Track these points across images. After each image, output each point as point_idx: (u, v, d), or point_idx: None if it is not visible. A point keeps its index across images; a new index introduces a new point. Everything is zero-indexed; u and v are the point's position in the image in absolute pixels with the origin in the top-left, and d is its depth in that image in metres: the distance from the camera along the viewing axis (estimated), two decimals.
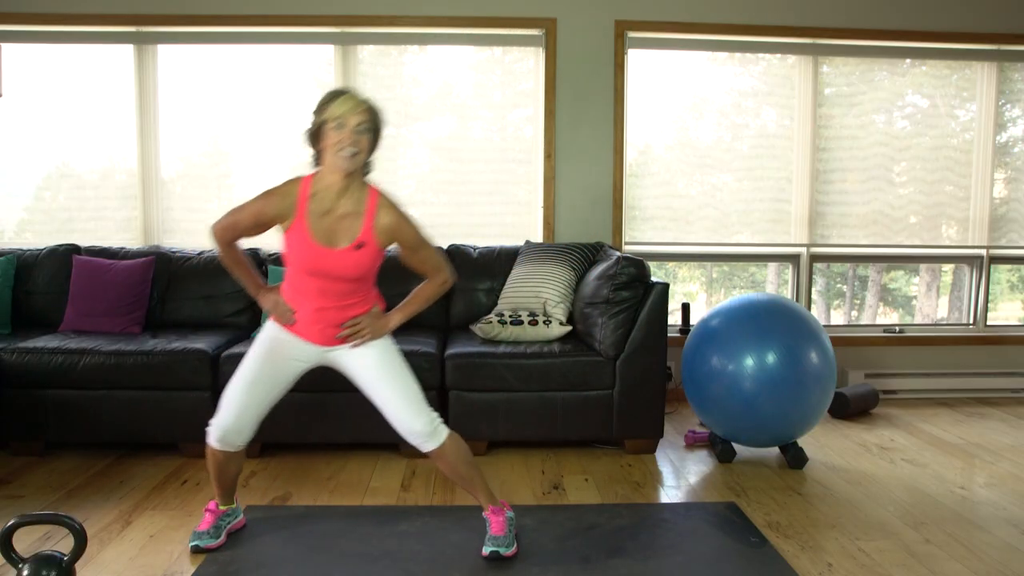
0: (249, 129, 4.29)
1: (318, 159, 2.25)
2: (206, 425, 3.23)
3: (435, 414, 2.35)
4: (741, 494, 2.93)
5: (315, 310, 2.29)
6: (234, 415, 2.30)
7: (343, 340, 2.33)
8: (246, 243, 4.22)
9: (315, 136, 2.21)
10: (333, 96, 2.18)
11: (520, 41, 4.27)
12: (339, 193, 2.22)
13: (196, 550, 2.37)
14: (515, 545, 2.37)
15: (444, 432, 2.35)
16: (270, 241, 4.24)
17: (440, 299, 3.91)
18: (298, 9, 4.15)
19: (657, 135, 4.45)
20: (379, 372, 2.32)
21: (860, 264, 4.92)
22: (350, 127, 2.14)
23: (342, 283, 2.26)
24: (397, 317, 2.39)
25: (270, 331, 2.35)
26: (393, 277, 3.48)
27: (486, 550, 2.32)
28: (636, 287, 3.32)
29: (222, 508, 2.49)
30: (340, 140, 2.13)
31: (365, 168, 2.28)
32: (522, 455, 3.38)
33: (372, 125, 2.19)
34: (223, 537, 2.44)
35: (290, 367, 2.36)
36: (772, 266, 4.80)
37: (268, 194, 2.23)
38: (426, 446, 2.34)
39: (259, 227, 2.28)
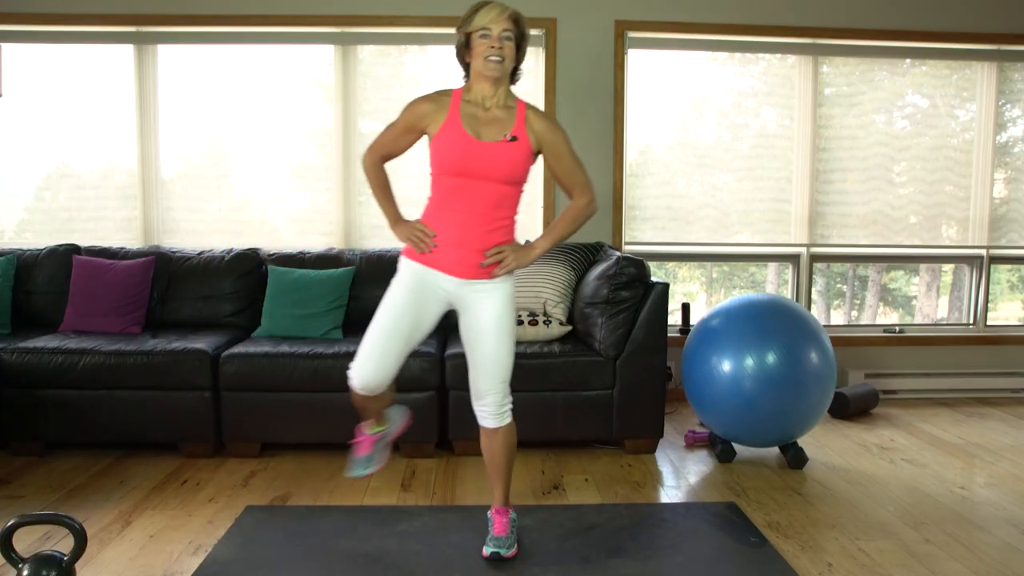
0: (249, 129, 4.29)
1: (467, 71, 2.28)
2: (206, 425, 3.26)
3: (510, 398, 2.36)
4: (741, 494, 2.93)
5: (461, 228, 2.21)
6: (376, 365, 2.24)
7: (484, 271, 2.24)
8: (252, 242, 4.23)
9: (463, 49, 2.24)
10: (478, 7, 2.21)
11: None
12: (488, 98, 2.24)
13: (357, 477, 2.48)
14: (516, 546, 2.37)
15: (506, 419, 2.36)
16: (270, 241, 4.26)
17: None
18: (298, 9, 4.15)
19: (657, 135, 4.45)
20: (491, 328, 2.27)
21: (860, 264, 4.92)
22: (495, 34, 2.17)
23: (493, 189, 2.21)
24: (542, 243, 2.33)
25: (407, 272, 2.29)
26: None
27: (487, 550, 2.33)
28: (636, 287, 3.32)
29: (376, 431, 2.47)
30: (488, 48, 2.16)
31: (513, 77, 2.29)
32: (522, 455, 3.38)
33: (517, 32, 2.22)
34: (386, 456, 2.52)
35: (430, 309, 2.29)
36: (772, 266, 4.80)
37: (418, 99, 2.26)
38: (488, 421, 2.34)
39: (410, 132, 2.28)
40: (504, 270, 2.26)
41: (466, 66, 2.28)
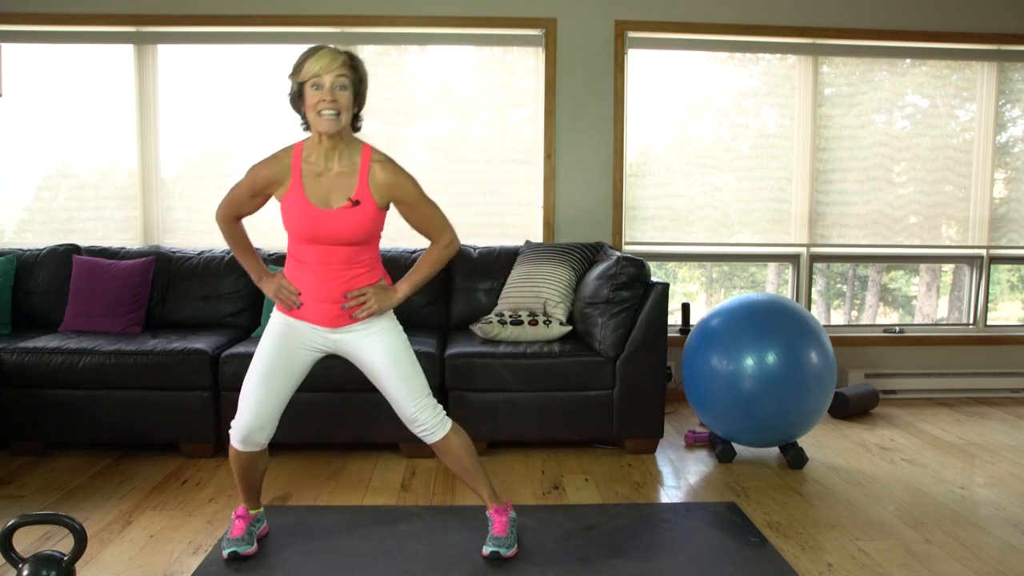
0: (249, 129, 4.29)
1: (306, 123, 2.18)
2: (206, 425, 3.26)
3: (439, 407, 2.35)
4: (741, 494, 2.93)
5: (319, 283, 2.20)
6: (254, 412, 2.24)
7: (348, 317, 2.24)
8: (254, 242, 4.23)
9: (296, 99, 2.15)
10: (308, 55, 2.10)
11: (520, 41, 4.27)
12: (329, 154, 2.16)
13: (234, 556, 2.31)
14: (516, 546, 2.37)
15: (448, 424, 2.34)
16: (269, 241, 4.26)
17: (440, 301, 3.92)
18: (298, 9, 4.15)
19: (657, 135, 4.45)
20: (385, 360, 2.27)
21: (860, 264, 4.92)
22: (328, 85, 2.07)
23: (343, 249, 2.19)
24: (404, 287, 2.32)
25: (277, 322, 2.29)
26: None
27: (486, 550, 2.32)
28: (636, 287, 3.32)
29: (252, 513, 2.44)
30: (319, 101, 2.07)
31: (354, 124, 2.22)
32: (522, 455, 3.38)
33: (353, 78, 2.12)
34: (255, 544, 2.39)
35: (301, 356, 2.29)
36: (772, 266, 4.80)
37: (262, 162, 2.20)
38: (430, 438, 2.33)
39: (256, 196, 2.23)
40: (365, 313, 2.24)
41: (303, 114, 2.17)
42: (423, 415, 2.30)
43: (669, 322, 3.46)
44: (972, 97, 4.51)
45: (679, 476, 3.16)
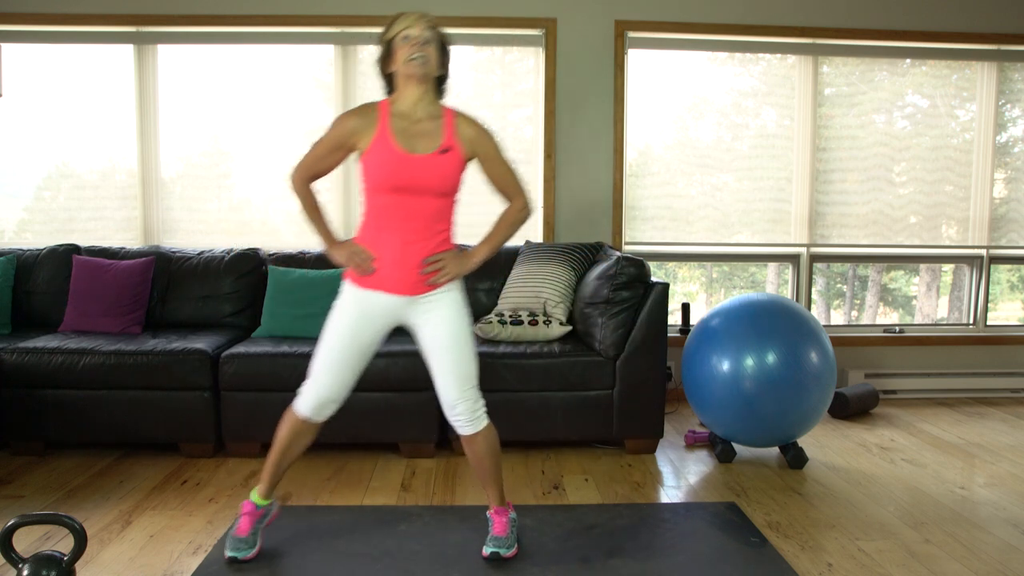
0: (249, 129, 4.29)
1: (390, 86, 2.27)
2: (206, 425, 3.26)
3: (482, 402, 2.35)
4: (741, 494, 2.93)
5: (402, 247, 2.20)
6: (330, 385, 2.27)
7: (425, 283, 2.24)
8: (252, 242, 4.24)
9: (385, 59, 2.23)
10: (395, 18, 2.21)
11: (520, 41, 4.27)
12: (415, 106, 2.23)
13: (233, 561, 2.29)
14: (516, 546, 2.37)
15: (484, 422, 2.34)
16: (270, 241, 4.26)
17: None
18: (298, 9, 4.15)
19: (657, 135, 4.45)
20: (448, 340, 2.27)
21: (860, 264, 4.92)
22: (416, 36, 2.16)
23: (428, 203, 2.20)
24: (481, 251, 2.35)
25: (350, 295, 2.28)
26: None
27: (487, 550, 2.32)
28: (636, 287, 3.32)
29: (261, 506, 2.39)
30: (410, 48, 2.16)
31: (441, 88, 2.29)
32: (522, 455, 3.38)
33: (436, 36, 2.21)
34: (259, 544, 2.37)
35: (377, 327, 2.29)
36: (772, 266, 4.80)
37: (348, 112, 2.24)
38: (465, 428, 2.33)
39: (338, 149, 2.25)
40: (444, 278, 2.25)
41: (387, 78, 2.27)
42: (463, 405, 2.30)
43: (669, 322, 3.46)
44: (972, 97, 4.51)
45: (679, 476, 3.16)
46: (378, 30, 2.31)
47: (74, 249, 3.95)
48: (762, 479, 3.10)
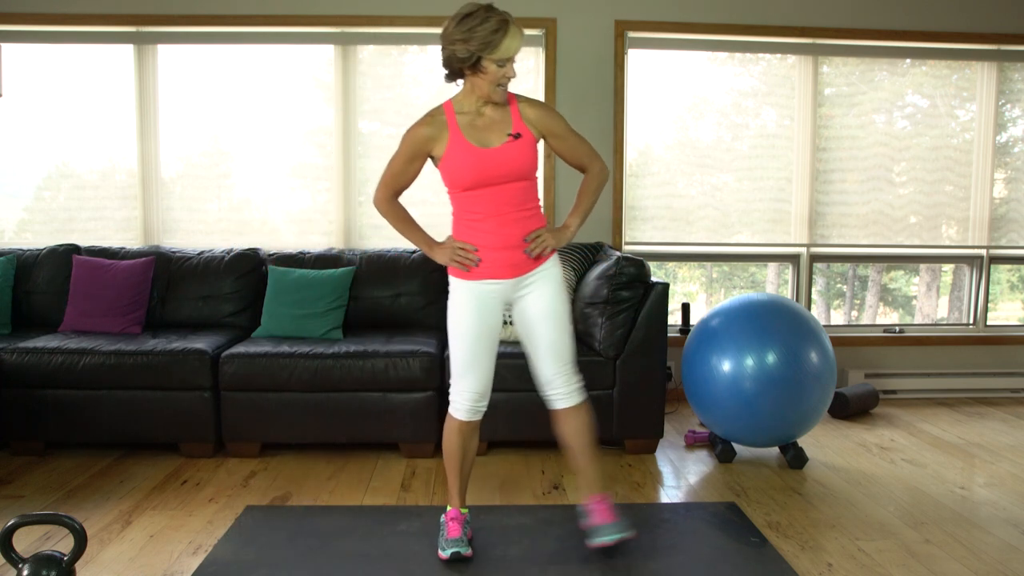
0: (249, 129, 4.29)
1: (455, 78, 2.25)
2: (206, 425, 3.26)
3: (579, 378, 2.40)
4: (741, 494, 2.93)
5: (498, 230, 2.26)
6: (478, 379, 2.32)
7: (532, 261, 2.30)
8: (252, 242, 4.24)
9: (468, 64, 2.15)
10: (499, 31, 2.10)
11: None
12: (481, 103, 2.26)
13: (457, 557, 2.29)
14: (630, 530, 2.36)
15: (579, 398, 2.38)
16: (270, 241, 4.26)
17: (440, 301, 3.92)
18: (298, 9, 4.15)
19: (657, 135, 4.45)
20: (546, 314, 2.33)
21: (860, 264, 4.92)
22: (511, 65, 2.17)
23: (513, 187, 2.26)
24: (574, 221, 2.41)
25: (462, 289, 2.33)
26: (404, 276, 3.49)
27: (603, 540, 2.30)
28: (636, 287, 3.32)
29: (463, 512, 2.43)
30: (503, 76, 2.17)
31: None
32: (522, 455, 3.38)
33: None
34: (470, 548, 2.35)
35: (496, 313, 2.34)
36: (772, 266, 4.80)
37: (417, 122, 2.27)
38: (561, 402, 2.37)
39: (415, 159, 2.30)
40: (548, 251, 2.33)
41: (455, 73, 2.22)
42: (560, 379, 2.35)
43: (669, 322, 3.45)
44: (972, 97, 4.51)
45: (679, 476, 3.16)
46: (378, 30, 2.31)
47: (74, 249, 3.95)
48: (762, 479, 3.10)
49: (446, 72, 2.25)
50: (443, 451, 2.42)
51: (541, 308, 2.33)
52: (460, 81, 2.26)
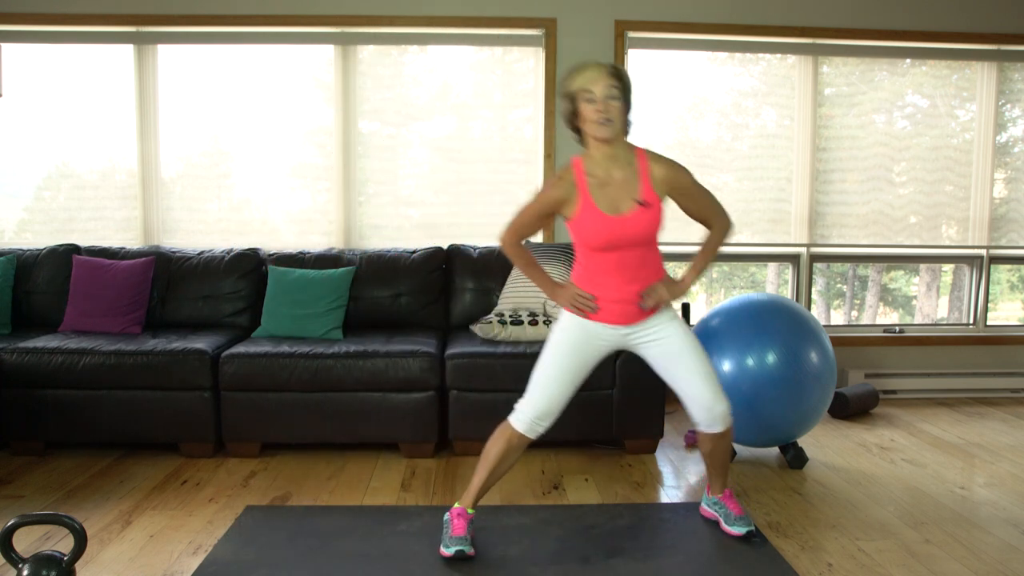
0: (249, 129, 4.29)
1: (582, 139, 2.34)
2: (206, 425, 3.26)
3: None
4: (741, 494, 2.93)
5: (621, 286, 2.33)
6: (548, 402, 2.37)
7: (643, 313, 2.36)
8: (252, 242, 4.24)
9: (572, 116, 2.30)
10: (576, 71, 2.25)
11: (520, 41, 4.27)
12: (610, 162, 2.30)
13: (461, 555, 2.30)
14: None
15: (731, 420, 2.46)
16: (270, 241, 4.26)
17: (440, 301, 3.92)
18: (298, 9, 4.15)
19: (657, 135, 4.44)
20: (681, 349, 2.38)
21: (860, 264, 4.92)
22: (599, 96, 2.21)
23: (637, 250, 2.32)
24: (691, 276, 2.45)
25: (571, 323, 2.40)
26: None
27: (739, 530, 2.47)
28: None
29: (471, 512, 2.44)
30: (595, 112, 2.21)
31: (626, 129, 2.34)
32: (522, 455, 3.37)
33: (621, 87, 2.25)
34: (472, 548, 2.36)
35: (594, 354, 2.42)
36: (772, 266, 4.80)
37: (548, 184, 2.35)
38: (715, 426, 2.42)
39: (544, 217, 2.37)
40: (663, 305, 2.39)
41: (576, 130, 2.33)
42: (722, 404, 2.39)
43: None
44: (972, 97, 4.51)
45: (679, 476, 3.16)
46: (378, 30, 2.32)
47: (74, 249, 3.95)
48: (762, 479, 3.10)
49: (576, 138, 2.36)
50: (483, 451, 2.44)
51: (680, 343, 2.39)
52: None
